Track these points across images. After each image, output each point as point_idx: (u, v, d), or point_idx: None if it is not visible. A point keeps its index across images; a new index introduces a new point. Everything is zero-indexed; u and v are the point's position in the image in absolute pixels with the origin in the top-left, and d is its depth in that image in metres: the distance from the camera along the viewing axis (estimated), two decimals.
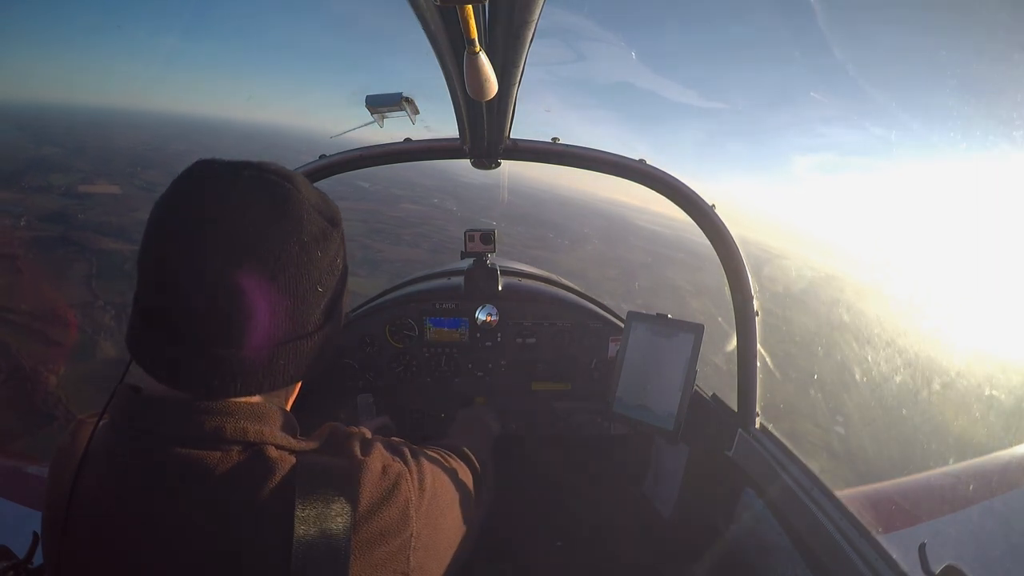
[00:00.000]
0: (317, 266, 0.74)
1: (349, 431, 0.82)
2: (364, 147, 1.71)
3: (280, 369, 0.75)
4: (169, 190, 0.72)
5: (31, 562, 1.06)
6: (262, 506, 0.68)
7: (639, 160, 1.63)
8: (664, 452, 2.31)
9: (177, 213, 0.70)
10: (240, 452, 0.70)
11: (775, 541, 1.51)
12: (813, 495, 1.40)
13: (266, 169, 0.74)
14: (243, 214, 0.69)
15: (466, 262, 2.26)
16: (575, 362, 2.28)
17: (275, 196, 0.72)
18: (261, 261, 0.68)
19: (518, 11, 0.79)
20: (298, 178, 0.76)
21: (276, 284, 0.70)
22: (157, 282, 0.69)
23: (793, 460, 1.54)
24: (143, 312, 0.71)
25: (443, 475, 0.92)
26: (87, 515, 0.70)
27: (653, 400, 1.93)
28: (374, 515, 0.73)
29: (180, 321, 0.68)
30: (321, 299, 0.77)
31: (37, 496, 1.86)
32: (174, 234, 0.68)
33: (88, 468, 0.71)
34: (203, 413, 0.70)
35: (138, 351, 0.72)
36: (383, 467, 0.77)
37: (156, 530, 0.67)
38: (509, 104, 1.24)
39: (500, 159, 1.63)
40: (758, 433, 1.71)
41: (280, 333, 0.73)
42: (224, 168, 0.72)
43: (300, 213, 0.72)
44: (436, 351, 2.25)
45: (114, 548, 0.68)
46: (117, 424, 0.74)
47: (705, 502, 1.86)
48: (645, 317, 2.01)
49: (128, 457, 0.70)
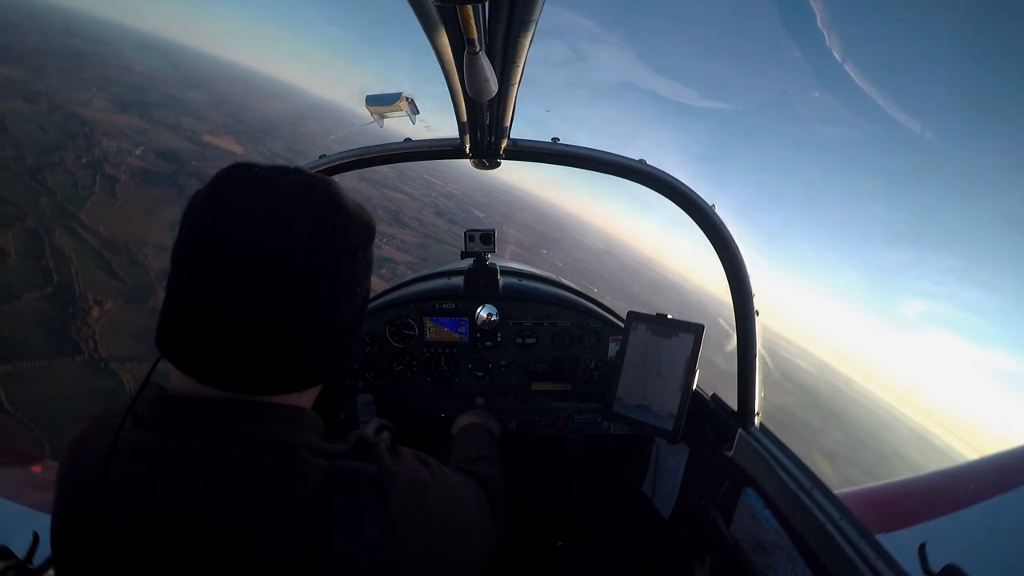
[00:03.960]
0: (359, 266, 0.78)
1: (374, 439, 0.84)
2: (364, 147, 1.72)
3: (321, 367, 0.77)
4: (214, 188, 0.71)
5: (31, 562, 1.06)
6: (296, 509, 0.68)
7: (639, 160, 1.63)
8: (664, 452, 2.31)
9: (228, 212, 0.69)
10: (275, 454, 0.71)
11: (775, 541, 1.51)
12: (813, 495, 1.40)
13: (309, 174, 0.76)
14: (295, 217, 0.70)
15: (466, 262, 2.26)
16: (575, 362, 2.28)
17: (324, 200, 0.74)
18: (312, 263, 0.70)
19: (518, 11, 0.79)
20: (338, 183, 0.78)
21: (324, 284, 0.72)
22: (205, 280, 0.68)
23: (793, 460, 1.54)
24: (185, 309, 0.70)
25: (466, 494, 0.93)
26: (114, 511, 0.69)
27: (653, 400, 1.93)
28: (402, 524, 0.73)
29: (227, 319, 0.68)
30: (358, 298, 0.81)
31: (37, 496, 1.86)
32: (225, 233, 0.68)
33: (115, 464, 0.70)
34: (240, 413, 0.71)
35: (176, 347, 0.72)
36: (413, 478, 0.78)
37: (186, 529, 0.66)
38: (509, 104, 1.24)
39: (500, 159, 1.63)
40: (758, 433, 1.71)
41: (323, 331, 0.75)
42: (270, 171, 0.73)
43: (346, 217, 0.75)
44: (436, 351, 2.25)
45: (143, 546, 0.67)
46: (146, 421, 0.73)
47: (705, 502, 1.86)
48: (645, 317, 2.01)
49: (160, 455, 0.69)
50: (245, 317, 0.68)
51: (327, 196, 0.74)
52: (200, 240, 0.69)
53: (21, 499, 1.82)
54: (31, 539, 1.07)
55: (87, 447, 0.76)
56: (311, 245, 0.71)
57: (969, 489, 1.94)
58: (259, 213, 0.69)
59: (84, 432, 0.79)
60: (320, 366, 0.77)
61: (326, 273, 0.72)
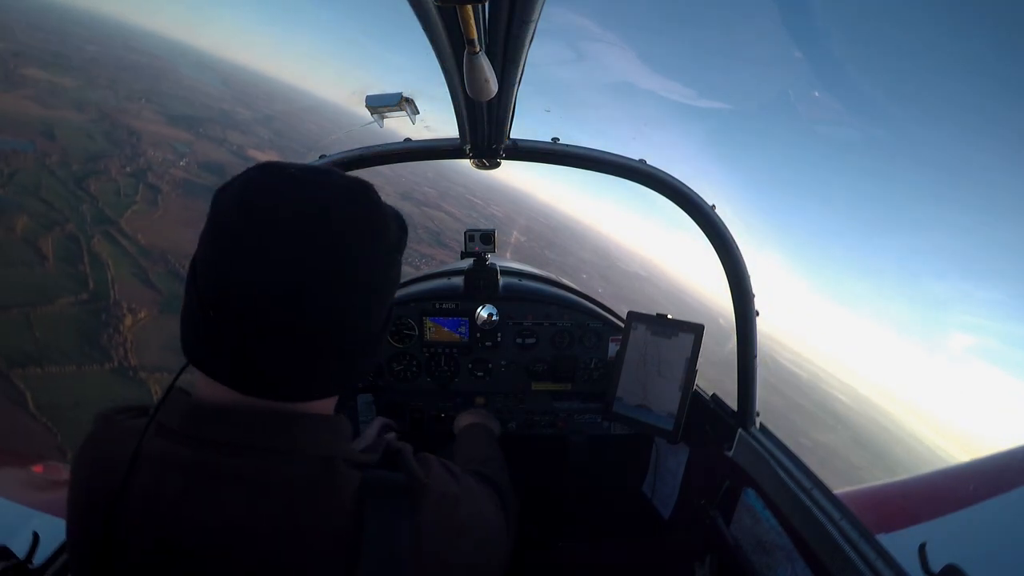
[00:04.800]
0: (394, 268, 0.78)
1: (399, 445, 0.83)
2: (364, 147, 1.71)
3: (356, 371, 0.77)
4: (246, 186, 0.68)
5: (31, 562, 1.06)
6: (331, 524, 0.67)
7: (639, 160, 1.63)
8: (664, 452, 2.31)
9: (268, 214, 0.66)
10: (315, 467, 0.69)
11: (775, 541, 1.51)
12: (813, 495, 1.40)
13: (347, 176, 0.75)
14: (336, 219, 0.68)
15: (466, 262, 2.26)
16: (575, 362, 2.28)
17: (363, 203, 0.73)
18: (356, 265, 0.70)
19: (518, 11, 0.79)
20: (373, 187, 0.77)
21: (366, 287, 0.72)
22: (246, 286, 0.64)
23: (793, 460, 1.54)
24: (222, 314, 0.66)
25: (487, 503, 0.93)
26: (143, 524, 0.66)
27: (653, 400, 1.93)
28: (433, 539, 0.73)
29: (271, 324, 0.65)
30: (389, 301, 0.80)
31: (37, 496, 1.86)
32: (265, 236, 0.65)
33: (142, 475, 0.67)
34: (279, 424, 0.69)
35: (207, 352, 0.69)
36: (443, 492, 0.78)
37: (220, 547, 0.65)
38: (509, 104, 1.23)
39: (500, 159, 1.63)
40: (758, 433, 1.71)
41: (362, 334, 0.74)
42: (305, 172, 0.71)
43: (386, 220, 0.75)
44: (436, 351, 2.25)
45: (170, 556, 0.65)
46: (175, 432, 0.70)
47: (705, 502, 1.86)
48: (645, 317, 2.01)
49: (194, 468, 0.67)
50: (291, 322, 0.66)
51: (367, 197, 0.73)
52: (240, 244, 0.65)
53: (21, 499, 1.81)
54: (31, 539, 1.07)
55: (108, 452, 0.72)
56: (357, 247, 0.69)
57: (969, 489, 1.94)
58: (303, 215, 0.66)
59: (100, 436, 0.76)
60: (355, 370, 0.77)
61: (369, 275, 0.72)
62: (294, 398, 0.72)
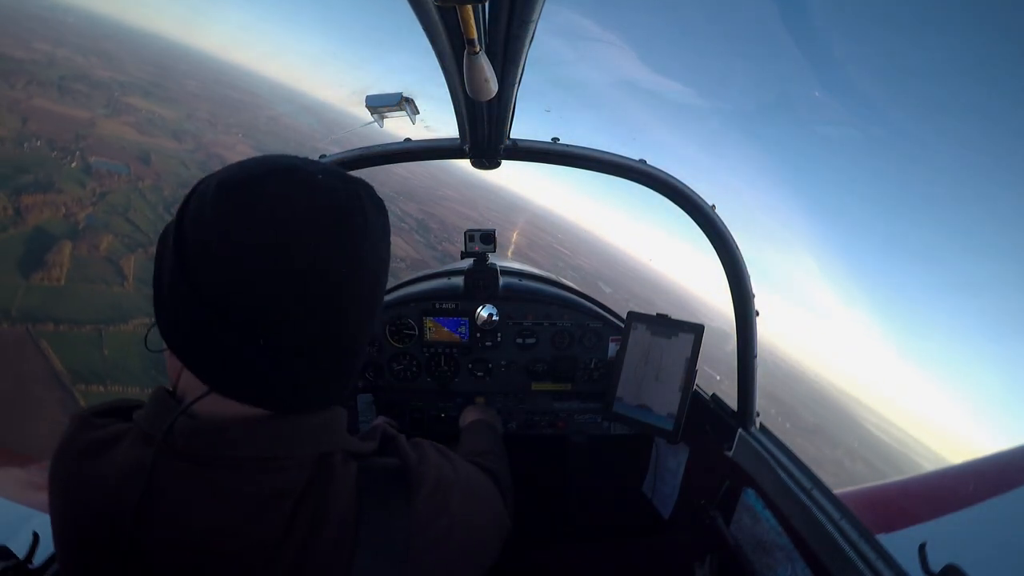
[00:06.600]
0: (387, 268, 0.76)
1: (394, 431, 0.83)
2: (364, 147, 1.71)
3: (354, 376, 0.76)
4: (250, 176, 0.64)
5: (31, 562, 1.06)
6: (330, 520, 0.66)
7: (639, 160, 1.63)
8: (664, 452, 2.31)
9: (283, 214, 0.62)
10: (314, 468, 0.68)
11: (775, 541, 1.51)
12: (813, 495, 1.40)
13: (346, 174, 0.73)
14: (356, 216, 0.67)
15: (466, 262, 2.25)
16: (575, 362, 2.28)
17: (374, 200, 0.72)
18: (369, 269, 0.69)
19: (518, 11, 0.79)
20: (373, 188, 0.75)
21: (372, 292, 0.71)
22: (264, 293, 0.62)
23: (793, 460, 1.54)
24: (216, 315, 0.62)
25: (483, 491, 0.92)
26: (142, 537, 0.64)
27: (653, 400, 1.93)
28: (428, 528, 0.73)
29: (272, 334, 0.63)
30: (379, 310, 0.79)
31: (37, 496, 1.86)
32: (274, 233, 0.61)
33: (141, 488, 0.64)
34: (280, 432, 0.68)
35: (205, 354, 0.65)
36: (438, 479, 0.77)
37: (218, 543, 0.64)
38: (509, 104, 1.23)
39: (500, 159, 1.63)
40: (758, 433, 1.71)
41: (364, 340, 0.74)
42: (313, 168, 0.68)
43: (387, 219, 0.74)
44: (436, 351, 2.25)
45: (170, 565, 0.64)
46: (169, 445, 0.65)
47: (705, 502, 1.86)
48: (645, 317, 2.01)
49: (193, 483, 0.65)
50: (311, 332, 0.64)
51: (372, 197, 0.72)
52: (233, 232, 0.62)
53: (21, 499, 1.81)
54: (31, 539, 1.07)
55: (91, 459, 0.68)
56: (372, 251, 0.68)
57: (969, 489, 1.94)
58: (319, 209, 0.64)
59: (77, 439, 0.71)
60: (354, 375, 0.76)
61: (377, 279, 0.71)
62: (297, 409, 0.70)
